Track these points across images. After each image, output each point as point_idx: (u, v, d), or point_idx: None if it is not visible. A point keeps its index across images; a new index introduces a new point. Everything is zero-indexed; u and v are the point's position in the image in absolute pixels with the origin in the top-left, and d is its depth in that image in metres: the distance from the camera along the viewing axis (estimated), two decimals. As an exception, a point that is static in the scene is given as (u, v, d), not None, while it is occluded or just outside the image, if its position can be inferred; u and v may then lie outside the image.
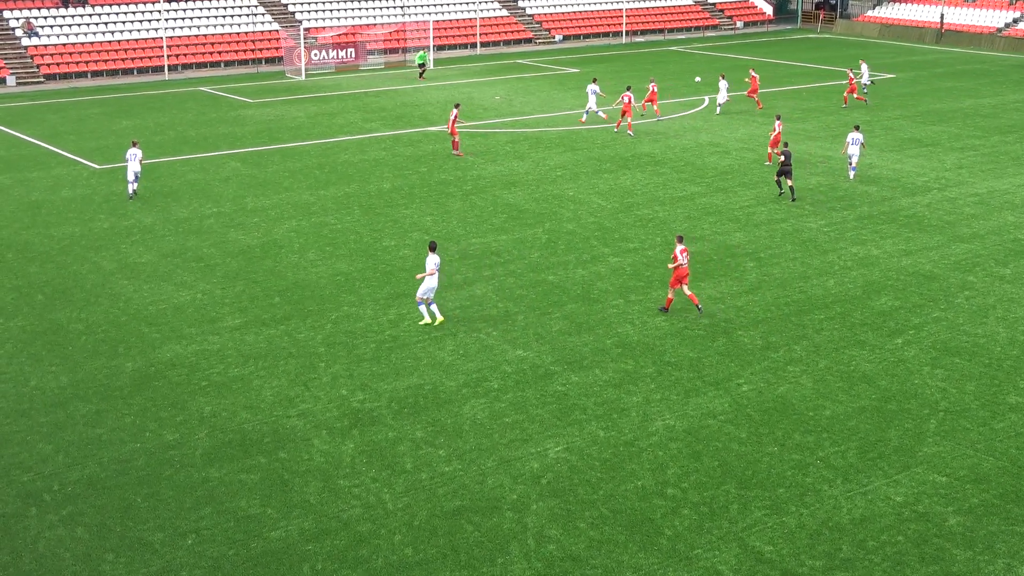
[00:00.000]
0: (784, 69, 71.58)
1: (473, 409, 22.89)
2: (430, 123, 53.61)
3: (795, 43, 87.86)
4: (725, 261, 32.26)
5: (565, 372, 24.64)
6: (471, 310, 28.37)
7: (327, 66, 74.27)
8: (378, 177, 42.65)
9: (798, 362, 25.17)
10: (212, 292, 29.85)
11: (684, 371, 24.69)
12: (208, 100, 61.39)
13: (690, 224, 35.95)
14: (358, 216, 37.19)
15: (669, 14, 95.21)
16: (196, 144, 49.25)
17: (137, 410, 22.93)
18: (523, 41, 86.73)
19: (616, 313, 28.11)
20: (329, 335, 26.78)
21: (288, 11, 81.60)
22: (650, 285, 30.11)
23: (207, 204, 38.86)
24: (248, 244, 34.21)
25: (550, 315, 28.02)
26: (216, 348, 26.05)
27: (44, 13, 72.83)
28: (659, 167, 43.97)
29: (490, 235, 34.97)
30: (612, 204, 38.52)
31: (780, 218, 36.69)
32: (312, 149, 48.04)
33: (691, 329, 27.01)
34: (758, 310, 28.35)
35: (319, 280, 30.73)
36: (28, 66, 69.14)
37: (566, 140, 49.32)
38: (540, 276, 31.01)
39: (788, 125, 52.37)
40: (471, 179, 42.12)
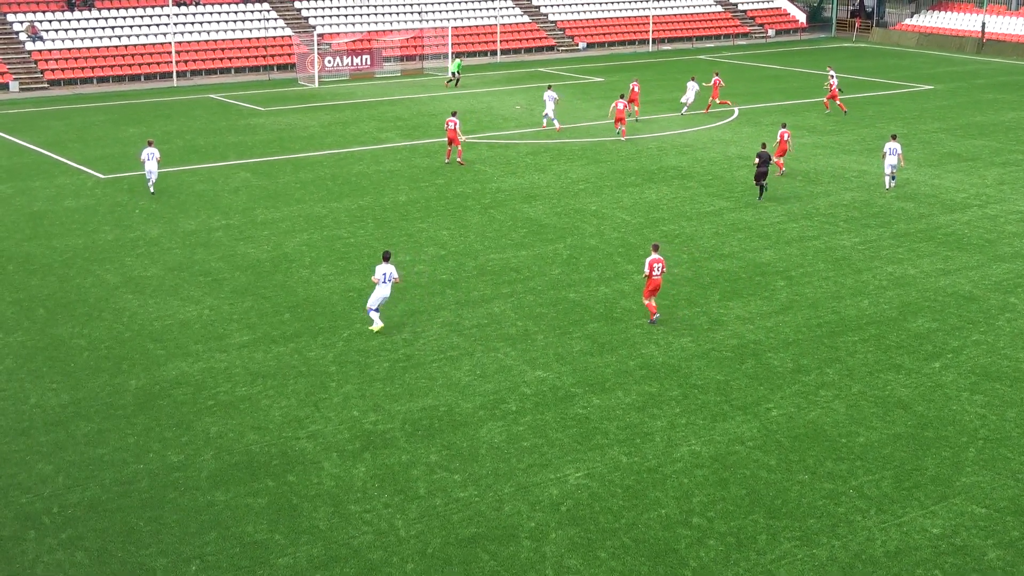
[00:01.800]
0: (817, 79, 71.46)
1: (490, 432, 22.86)
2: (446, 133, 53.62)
3: (829, 52, 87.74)
4: (755, 280, 32.18)
5: (586, 394, 24.60)
6: (489, 328, 28.37)
7: (341, 73, 74.56)
8: (393, 189, 42.75)
9: (830, 386, 25.06)
10: (219, 308, 29.93)
11: (711, 394, 24.61)
12: (218, 108, 61.69)
13: (718, 240, 35.90)
14: (372, 230, 37.26)
15: (697, 21, 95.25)
16: (205, 153, 49.48)
17: (140, 430, 22.98)
18: (545, 49, 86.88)
19: (640, 333, 28.06)
20: (341, 353, 26.81)
21: (301, 16, 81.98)
22: (676, 304, 30.05)
23: (215, 216, 39.01)
24: (257, 258, 34.30)
25: (571, 334, 27.99)
26: (223, 366, 26.10)
27: (49, 16, 73.37)
28: (686, 181, 43.94)
29: (509, 250, 34.98)
30: (637, 219, 38.50)
31: (812, 235, 36.61)
32: (325, 159, 48.19)
33: (718, 351, 26.94)
34: (789, 331, 28.26)
35: (331, 296, 30.78)
36: (32, 71, 69.63)
37: (589, 152, 49.35)
38: (561, 294, 30.99)
39: (820, 138, 52.29)
40: (490, 192, 42.17)
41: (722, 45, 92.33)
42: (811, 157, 48.16)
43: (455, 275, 32.60)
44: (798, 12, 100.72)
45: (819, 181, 43.88)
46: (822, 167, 46.29)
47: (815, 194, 41.88)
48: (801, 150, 49.46)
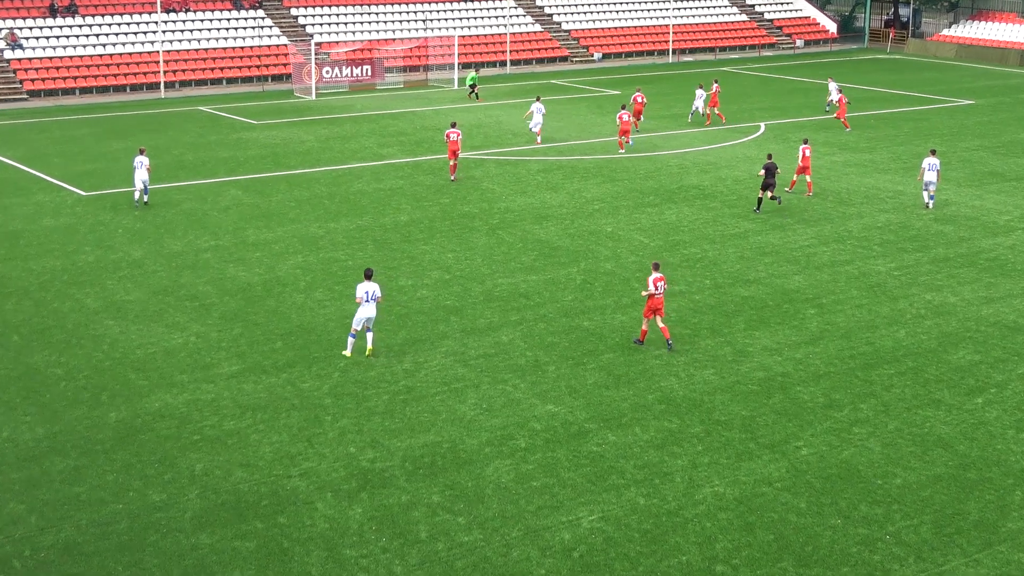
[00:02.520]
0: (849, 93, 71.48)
1: (497, 471, 22.70)
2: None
3: (861, 64, 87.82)
4: (782, 308, 32.05)
5: (601, 430, 24.44)
6: (496, 359, 28.25)
7: (340, 85, 74.74)
8: (394, 209, 42.73)
9: (865, 423, 24.88)
10: (207, 335, 29.85)
11: (735, 431, 24.44)
12: (208, 121, 61.82)
13: (743, 265, 35.78)
14: (371, 252, 37.22)
15: (721, 31, 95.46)
16: (193, 169, 49.52)
17: (120, 466, 22.85)
18: (558, 59, 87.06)
19: (659, 365, 27.93)
20: (336, 385, 26.70)
21: (298, 24, 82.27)
22: (697, 333, 29.92)
23: (204, 236, 38.99)
24: (248, 282, 34.25)
25: (585, 366, 27.86)
26: (210, 398, 25.99)
27: (29, 23, 73.70)
28: (708, 201, 43.87)
29: (518, 275, 34.90)
30: (656, 242, 38.41)
31: (845, 260, 36.48)
32: (322, 176, 48.21)
33: (744, 384, 26.78)
34: (819, 363, 28.11)
35: (327, 323, 30.69)
36: (10, 81, 69.89)
37: (605, 170, 49.32)
38: (574, 322, 30.88)
39: (853, 156, 52.24)
40: (498, 212, 42.13)
41: (747, 56, 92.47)
42: (843, 176, 48.08)
43: (460, 301, 32.50)
44: (828, 22, 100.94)
45: (852, 202, 43.78)
46: (855, 187, 46.20)
47: (848, 216, 41.78)
48: (833, 169, 49.40)
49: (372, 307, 28.00)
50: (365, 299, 27.89)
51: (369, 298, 27.91)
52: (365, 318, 28.05)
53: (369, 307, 27.95)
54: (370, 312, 28.02)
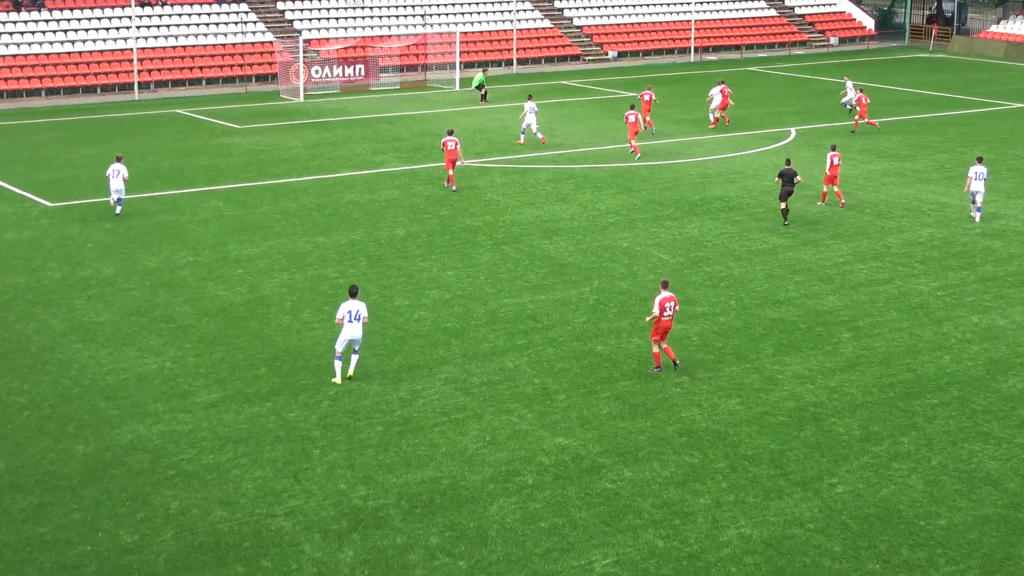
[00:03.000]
0: (887, 96, 71.56)
1: (501, 510, 22.68)
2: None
3: (902, 64, 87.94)
4: (815, 331, 32.03)
5: (616, 465, 24.42)
6: (501, 387, 28.23)
7: (331, 85, 74.91)
8: (390, 221, 42.78)
9: (905, 458, 24.84)
10: (184, 360, 29.86)
11: (763, 467, 24.41)
12: (186, 125, 61.95)
13: (772, 284, 35.78)
14: (364, 269, 37.25)
15: (748, 27, 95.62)
16: (170, 178, 49.61)
17: (89, 504, 22.83)
18: (569, 58, 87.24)
19: (679, 393, 27.90)
20: (326, 415, 26.69)
21: (285, 19, 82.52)
22: (722, 359, 29.90)
23: (181, 251, 39.05)
24: (230, 301, 34.28)
25: (598, 394, 27.84)
26: (187, 429, 25.99)
27: (-8, 18, 73.99)
28: (734, 213, 43.89)
29: (526, 294, 34.91)
30: (676, 258, 38.42)
31: (883, 278, 36.47)
32: (310, 186, 48.28)
33: (772, 415, 26.76)
34: (856, 392, 28.07)
35: (315, 347, 30.70)
36: (-29, 82, 70.18)
37: (620, 179, 49.37)
38: (586, 346, 30.87)
39: (892, 164, 52.27)
40: (503, 225, 42.17)
41: (776, 55, 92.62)
42: (881, 186, 48.11)
43: (461, 323, 32.51)
44: (865, 17, 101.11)
45: (891, 215, 43.79)
46: (894, 198, 46.22)
47: (886, 230, 41.78)
48: (870, 178, 49.43)
49: (356, 328, 28.03)
50: (347, 319, 27.96)
51: (352, 318, 27.97)
52: (348, 339, 28.11)
53: (353, 328, 28.00)
54: (354, 333, 28.06)
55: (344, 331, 28.05)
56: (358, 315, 28.02)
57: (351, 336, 28.09)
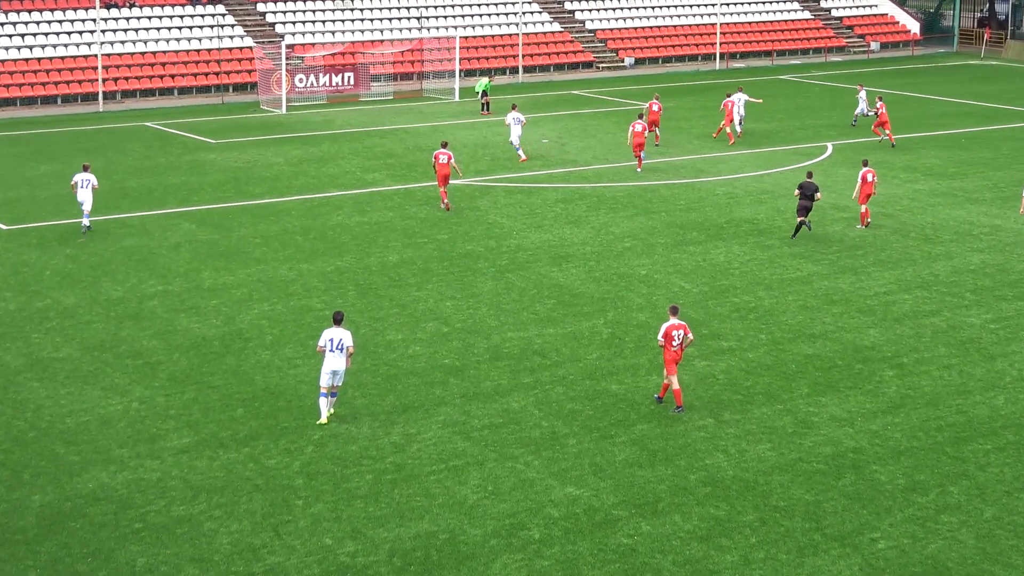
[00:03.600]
0: (934, 107, 71.70)
1: (505, 568, 22.65)
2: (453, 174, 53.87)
3: (950, 71, 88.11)
4: (854, 368, 32.00)
5: (633, 518, 24.39)
6: (504, 430, 28.21)
7: (316, 96, 75.11)
8: (381, 246, 42.82)
9: (955, 510, 24.79)
10: (152, 400, 29.86)
11: (797, 520, 24.37)
12: (156, 139, 62.08)
13: (807, 316, 35.78)
14: (353, 299, 37.27)
15: (779, 32, 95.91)
16: (138, 198, 49.69)
17: (46, 561, 22.79)
18: (581, 66, 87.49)
19: (703, 438, 27.87)
20: (310, 462, 26.67)
21: (266, 22, 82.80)
22: (751, 399, 29.87)
23: (150, 280, 39.09)
24: (204, 335, 34.30)
25: (613, 439, 27.81)
26: (156, 477, 25.97)
27: (-59, 22, 74.27)
28: (763, 237, 43.90)
29: (532, 327, 34.92)
30: (699, 287, 38.44)
31: (930, 309, 36.46)
32: (294, 207, 48.35)
33: (807, 462, 26.72)
34: (899, 436, 28.03)
35: (298, 386, 30.70)
36: (-82, 91, 70.42)
37: (637, 199, 49.43)
38: (600, 385, 30.85)
39: (939, 182, 52.29)
40: (508, 251, 42.21)
41: (810, 62, 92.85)
42: (928, 208, 48.14)
43: (461, 359, 32.51)
44: (910, 20, 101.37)
45: (939, 239, 43.80)
46: (942, 220, 46.23)
47: (934, 256, 41.78)
48: (916, 198, 49.47)
49: (339, 359, 28.07)
50: (328, 348, 28.03)
51: (333, 347, 28.03)
52: (330, 372, 28.15)
53: (334, 359, 28.04)
54: (335, 365, 28.10)
55: (325, 362, 28.12)
56: (340, 344, 28.05)
57: (333, 368, 28.12)
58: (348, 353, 28.24)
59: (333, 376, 28.22)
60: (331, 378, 28.22)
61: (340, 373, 28.26)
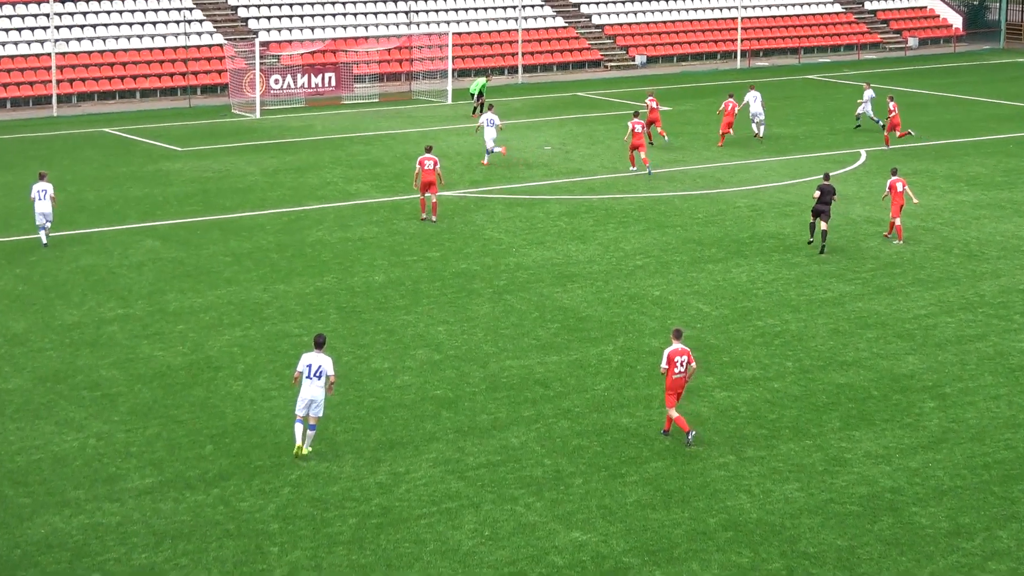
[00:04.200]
0: (979, 110, 71.77)
1: (504, 622, 22.61)
2: (445, 184, 53.95)
3: (996, 70, 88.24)
4: (891, 399, 31.98)
5: (646, 566, 24.37)
6: (503, 468, 28.18)
7: (294, 98, 75.18)
8: (366, 265, 42.83)
9: (1004, 556, 24.77)
10: (112, 436, 29.81)
11: (829, 568, 24.35)
12: (115, 146, 62.09)
13: (839, 342, 35.76)
14: (335, 323, 37.26)
15: (807, 27, 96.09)
16: (96, 212, 49.68)
17: (-8, 615, 22.79)
18: (588, 65, 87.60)
19: (724, 477, 27.83)
20: (286, 504, 26.64)
21: (238, 17, 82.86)
22: (776, 434, 29.84)
23: (109, 302, 39.08)
24: (169, 364, 34.28)
25: (623, 478, 27.78)
26: (115, 521, 25.93)
27: None
28: (790, 254, 43.90)
29: (534, 355, 34.91)
30: (720, 310, 38.43)
31: (975, 333, 36.45)
32: (268, 222, 48.37)
33: (839, 503, 26.69)
34: (942, 474, 27.99)
35: (273, 420, 30.66)
36: None
37: (650, 211, 49.45)
38: (609, 418, 30.83)
39: (985, 193, 52.30)
40: (506, 269, 42.21)
41: (841, 60, 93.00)
42: (972, 221, 48.14)
43: (455, 390, 32.49)
44: (952, 14, 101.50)
45: (985, 256, 43.80)
46: (988, 235, 46.23)
47: (979, 274, 41.78)
48: (959, 211, 49.47)
49: (316, 387, 28.10)
50: (306, 374, 28.07)
51: (311, 374, 28.05)
52: (308, 400, 28.16)
53: (312, 387, 28.09)
54: (313, 393, 28.12)
55: (302, 390, 28.16)
56: (319, 371, 28.07)
57: (310, 397, 28.13)
58: (329, 382, 28.27)
59: (310, 405, 28.20)
60: (307, 407, 28.21)
61: (319, 403, 28.22)
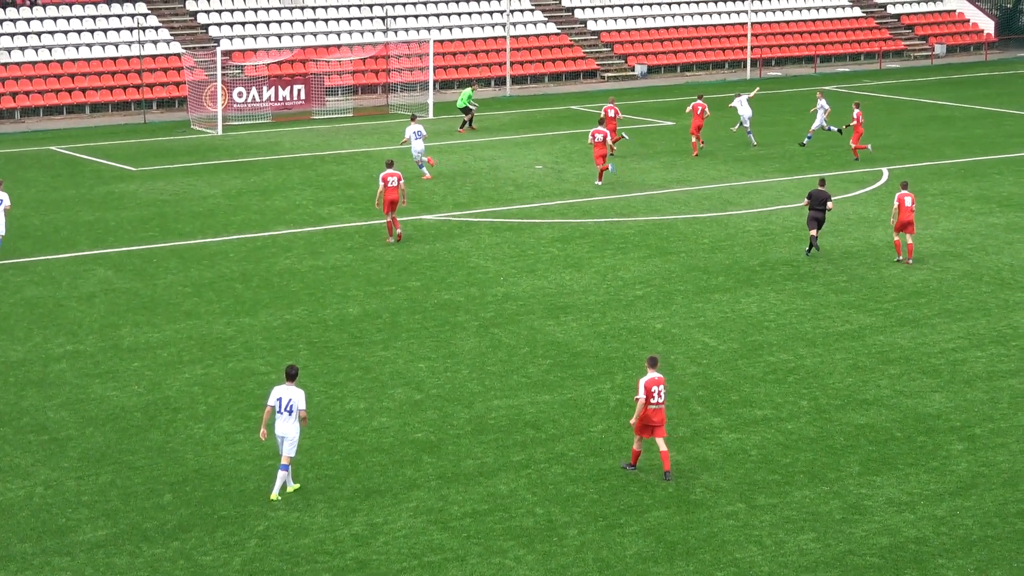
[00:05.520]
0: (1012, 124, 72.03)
1: None
2: (426, 207, 54.12)
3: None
4: (915, 441, 32.10)
5: (647, 625, 24.47)
6: (490, 518, 28.26)
7: (259, 113, 75.26)
8: (340, 296, 42.91)
9: (1040, 612, 24.94)
10: (62, 484, 29.85)
11: (847, 625, 24.47)
12: (63, 166, 62.14)
13: (858, 378, 35.88)
14: (306, 360, 37.32)
15: (824, 33, 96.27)
16: (41, 239, 49.72)
17: None
18: (583, 75, 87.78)
19: (733, 526, 27.93)
20: (253, 558, 26.70)
21: (197, 24, 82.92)
22: (790, 479, 29.95)
23: (57, 338, 39.13)
24: (123, 405, 34.33)
25: (622, 528, 27.86)
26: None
27: None
28: (805, 283, 44.03)
29: (524, 394, 35.01)
30: (727, 344, 38.55)
31: (1007, 370, 36.59)
32: (232, 248, 48.43)
33: (859, 554, 26.80)
34: (971, 523, 28.10)
35: (238, 466, 30.73)
36: None
37: (651, 237, 49.57)
38: (606, 463, 30.90)
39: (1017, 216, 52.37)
40: (493, 300, 42.31)
41: (862, 69, 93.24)
42: (1005, 246, 48.25)
43: (437, 433, 32.57)
44: (983, 18, 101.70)
45: (1018, 284, 43.94)
46: (1022, 261, 46.36)
47: (1012, 304, 41.92)
48: (989, 234, 49.56)
49: (288, 423, 28.33)
50: (277, 408, 28.30)
51: (282, 408, 28.27)
52: (280, 437, 28.47)
53: (283, 422, 28.34)
54: (283, 430, 28.39)
55: (276, 427, 28.46)
56: (290, 406, 28.25)
57: (280, 433, 28.41)
58: (300, 416, 28.48)
59: (282, 443, 28.44)
60: (280, 445, 28.48)
61: (291, 440, 28.44)
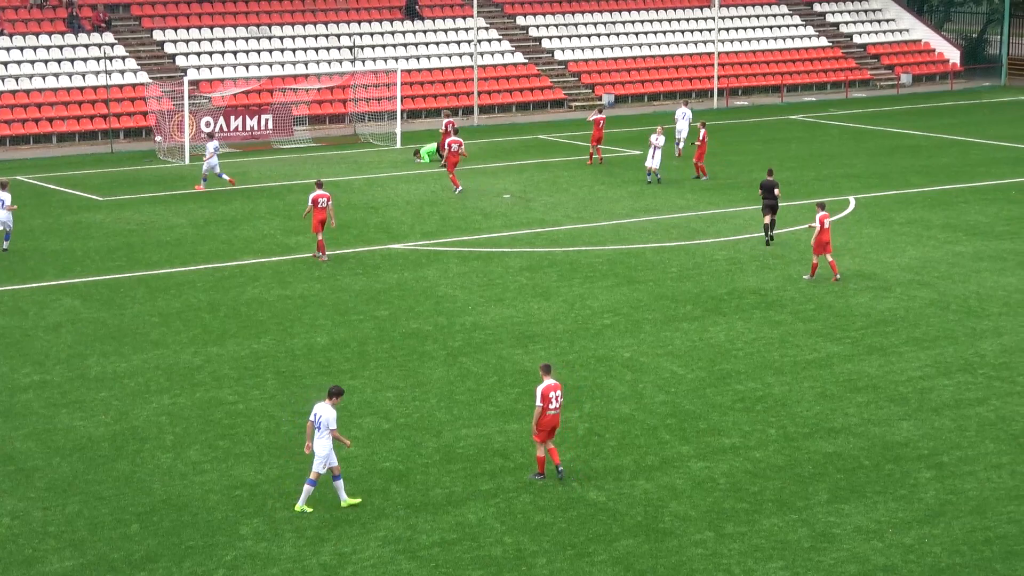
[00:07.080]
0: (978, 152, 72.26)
1: None
2: (394, 236, 54.12)
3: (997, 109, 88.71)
4: (883, 469, 32.15)
5: (616, 654, 24.46)
6: (458, 547, 28.23)
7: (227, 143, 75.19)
8: (308, 325, 42.87)
9: (1008, 640, 24.96)
10: (28, 515, 29.75)
11: (816, 653, 24.49)
12: (30, 196, 62.01)
13: (826, 407, 35.94)
14: (273, 390, 37.27)
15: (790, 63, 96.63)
16: (8, 269, 49.59)
17: None
18: (550, 104, 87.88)
19: (702, 555, 27.95)
20: (221, 588, 26.69)
21: (164, 53, 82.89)
22: (759, 508, 29.97)
23: (23, 368, 39.04)
24: (90, 435, 34.23)
25: (591, 557, 27.85)
26: (31, 608, 25.94)
27: None
28: (773, 311, 44.11)
29: (492, 422, 34.99)
30: (695, 373, 38.57)
31: (975, 397, 36.64)
32: (199, 278, 48.36)
33: (828, 582, 26.86)
34: (939, 551, 28.14)
35: (206, 496, 30.65)
36: None
37: (619, 266, 49.61)
38: (575, 492, 30.90)
39: (985, 243, 52.45)
40: (462, 330, 42.30)
41: (828, 98, 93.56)
42: (972, 274, 48.37)
43: (405, 462, 32.53)
44: (948, 48, 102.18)
45: (985, 312, 44.04)
46: (989, 290, 46.48)
47: (979, 332, 42.01)
48: (957, 263, 49.72)
49: (320, 440, 29.28)
50: (316, 424, 29.21)
51: (319, 424, 29.31)
52: (321, 458, 29.30)
53: (317, 438, 29.29)
54: (316, 446, 29.34)
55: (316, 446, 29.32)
56: (324, 423, 29.31)
57: (322, 455, 29.35)
58: (330, 434, 29.40)
59: (323, 462, 29.44)
60: (323, 464, 29.44)
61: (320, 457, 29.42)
